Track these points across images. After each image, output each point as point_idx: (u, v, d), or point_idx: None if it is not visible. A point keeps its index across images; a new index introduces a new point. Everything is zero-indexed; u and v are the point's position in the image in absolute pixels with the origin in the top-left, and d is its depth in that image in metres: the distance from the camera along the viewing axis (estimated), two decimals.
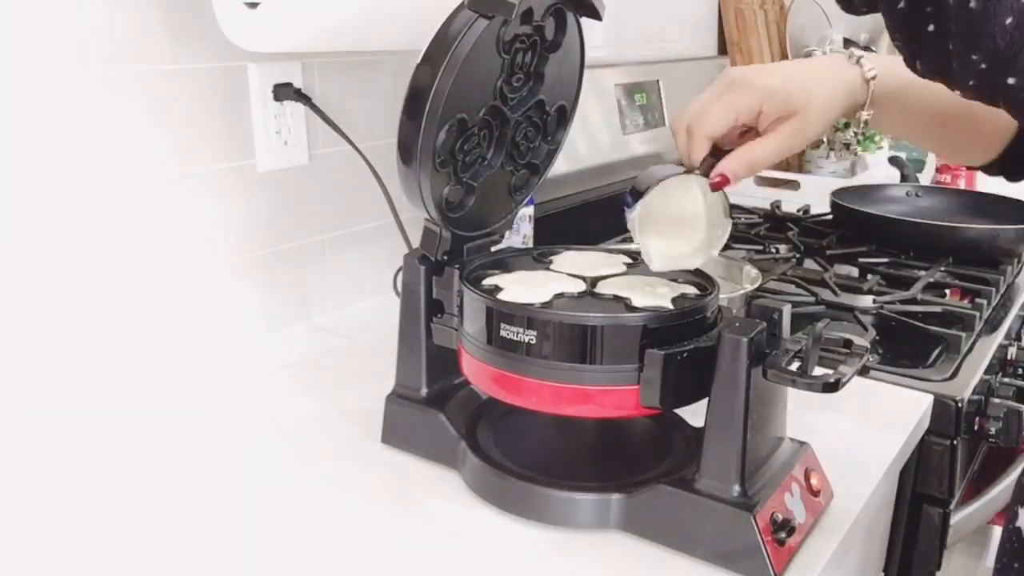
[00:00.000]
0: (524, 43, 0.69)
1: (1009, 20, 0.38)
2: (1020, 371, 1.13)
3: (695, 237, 0.69)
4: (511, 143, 0.74)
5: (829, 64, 0.70)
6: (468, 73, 0.64)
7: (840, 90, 0.69)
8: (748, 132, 0.70)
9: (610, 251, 0.79)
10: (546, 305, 0.64)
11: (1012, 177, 0.76)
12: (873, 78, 0.69)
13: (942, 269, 1.25)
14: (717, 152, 0.68)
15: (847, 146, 1.72)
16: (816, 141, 1.72)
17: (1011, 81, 0.39)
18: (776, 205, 1.60)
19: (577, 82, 0.77)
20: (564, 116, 0.77)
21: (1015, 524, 0.68)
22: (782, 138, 0.67)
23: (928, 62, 0.44)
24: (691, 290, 0.68)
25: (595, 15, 0.72)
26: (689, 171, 0.68)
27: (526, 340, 0.63)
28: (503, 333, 0.64)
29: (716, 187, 0.66)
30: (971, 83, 0.42)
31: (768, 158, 0.66)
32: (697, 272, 0.72)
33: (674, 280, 0.70)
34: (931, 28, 0.42)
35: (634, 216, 0.66)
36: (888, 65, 0.70)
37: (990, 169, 0.76)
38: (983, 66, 0.40)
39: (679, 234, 0.69)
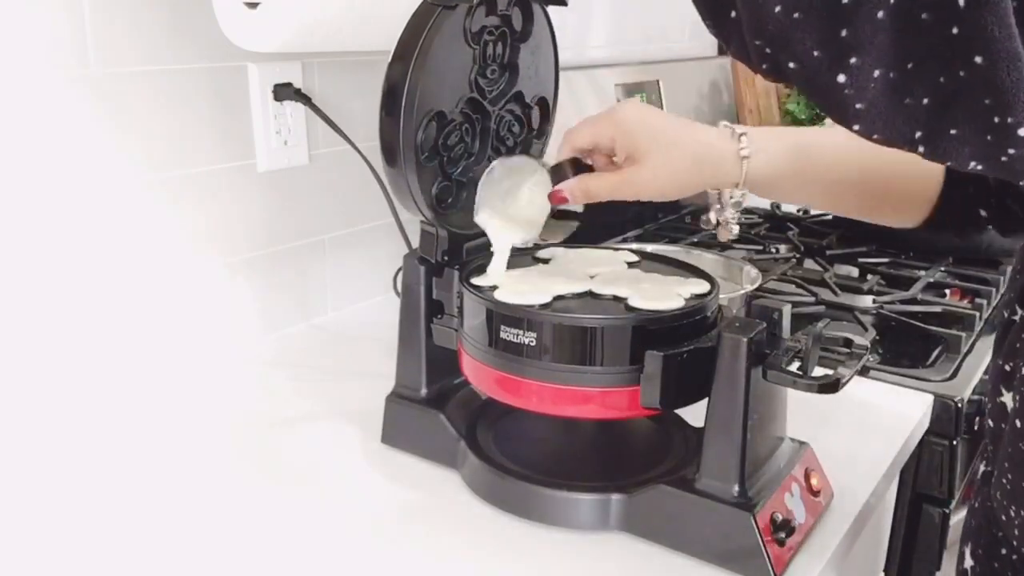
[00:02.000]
0: (493, 34, 0.70)
1: (778, 8, 0.39)
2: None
3: (529, 222, 0.72)
4: (496, 137, 0.74)
5: (709, 134, 0.68)
6: (440, 66, 0.66)
7: (699, 161, 0.66)
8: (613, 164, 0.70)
9: (610, 250, 0.79)
10: (546, 306, 0.64)
11: (958, 231, 0.74)
12: (746, 157, 0.66)
13: (942, 269, 1.25)
14: (581, 168, 0.69)
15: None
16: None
17: (792, 66, 0.40)
18: (776, 205, 1.60)
19: (554, 73, 0.78)
20: (546, 109, 0.78)
21: (963, 566, 0.66)
22: (615, 180, 0.66)
23: (735, 48, 0.45)
24: (692, 291, 0.67)
25: (559, 0, 0.72)
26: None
27: (526, 342, 0.63)
28: (503, 335, 0.64)
29: (553, 200, 0.68)
30: (764, 67, 0.43)
31: (599, 193, 0.67)
32: (698, 272, 0.72)
33: (675, 280, 0.70)
34: (732, 15, 0.43)
35: (483, 176, 0.70)
36: (777, 138, 0.68)
37: (930, 229, 0.74)
38: (767, 50, 0.41)
39: (515, 212, 0.72)
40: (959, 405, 0.87)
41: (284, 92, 0.96)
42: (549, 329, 0.62)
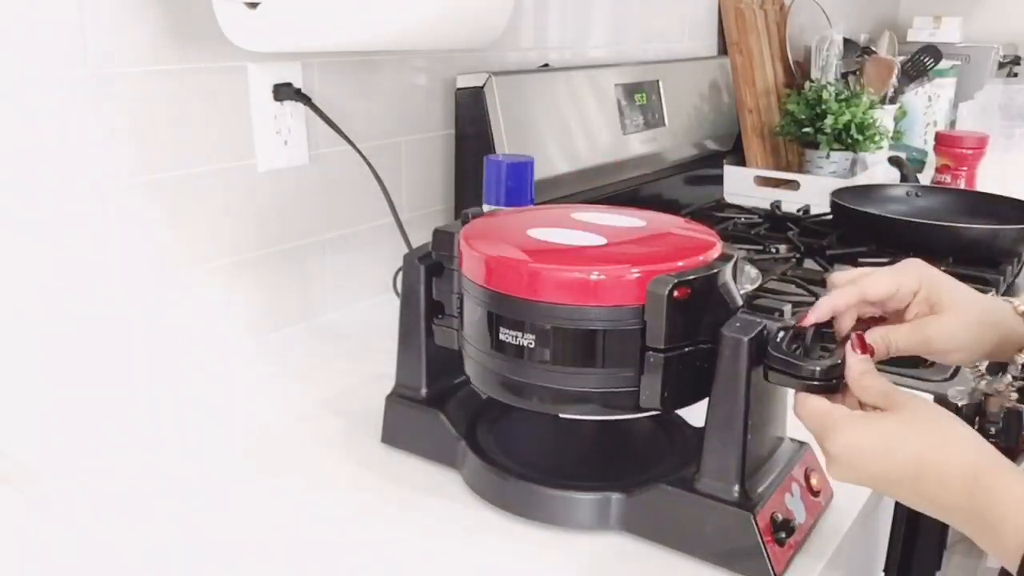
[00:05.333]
0: None
1: None
2: (1020, 371, 1.13)
3: None
4: None
5: (987, 299, 0.67)
6: None
7: (988, 326, 0.65)
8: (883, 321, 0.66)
9: None
10: None
11: None
12: None
13: (942, 269, 1.25)
14: (859, 324, 0.64)
15: None
16: None
17: None
18: (776, 205, 1.60)
19: None
20: None
21: None
22: (918, 328, 0.63)
23: None
24: None
25: None
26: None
27: (525, 343, 0.62)
28: (501, 336, 0.64)
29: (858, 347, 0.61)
30: None
31: (900, 344, 0.62)
32: None
33: None
34: None
35: None
36: None
37: None
38: None
39: None
40: (959, 405, 0.87)
41: (284, 92, 0.96)
42: (551, 328, 0.62)
